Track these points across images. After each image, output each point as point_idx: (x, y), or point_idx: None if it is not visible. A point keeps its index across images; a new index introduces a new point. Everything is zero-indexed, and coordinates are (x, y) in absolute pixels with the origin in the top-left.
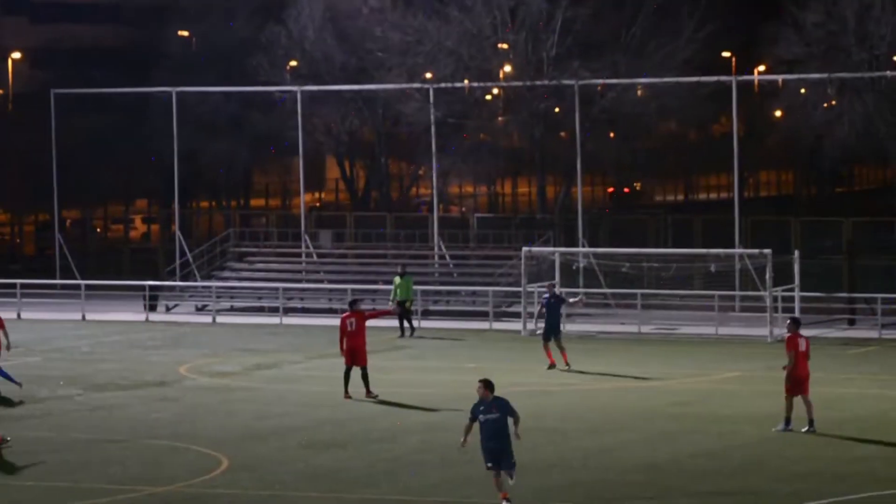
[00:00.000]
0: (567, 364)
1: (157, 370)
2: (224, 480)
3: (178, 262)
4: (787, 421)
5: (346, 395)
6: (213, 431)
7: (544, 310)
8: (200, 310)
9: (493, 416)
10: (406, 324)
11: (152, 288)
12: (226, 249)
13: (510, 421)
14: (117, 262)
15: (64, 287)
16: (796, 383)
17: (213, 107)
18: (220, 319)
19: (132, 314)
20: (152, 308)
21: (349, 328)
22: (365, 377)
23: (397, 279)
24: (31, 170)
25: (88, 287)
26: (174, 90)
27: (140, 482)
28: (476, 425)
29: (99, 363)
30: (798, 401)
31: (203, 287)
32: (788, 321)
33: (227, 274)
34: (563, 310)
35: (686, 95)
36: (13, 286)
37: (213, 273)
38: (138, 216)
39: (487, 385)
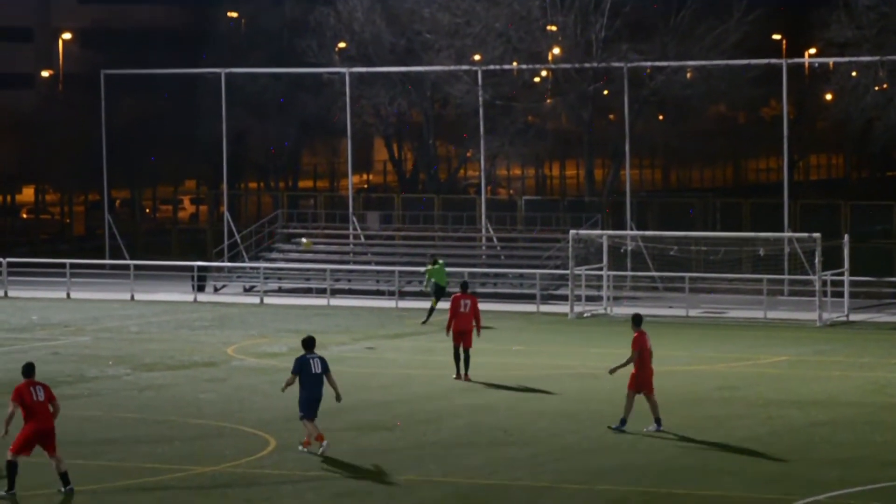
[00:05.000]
0: None
1: (204, 351)
2: (271, 461)
3: (226, 242)
4: (623, 421)
5: (458, 375)
6: (260, 412)
7: None
8: (248, 291)
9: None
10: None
11: (200, 269)
12: (274, 230)
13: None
14: (166, 243)
15: (113, 267)
16: (642, 382)
17: (262, 88)
18: (267, 300)
19: (180, 295)
20: (200, 289)
21: (462, 309)
22: (467, 360)
23: (431, 267)
24: (81, 150)
25: (137, 267)
26: (223, 71)
27: (188, 462)
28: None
29: (147, 343)
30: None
31: (251, 268)
32: (632, 318)
33: (274, 255)
34: None
35: (735, 78)
36: (63, 266)
37: (260, 254)
38: (187, 197)
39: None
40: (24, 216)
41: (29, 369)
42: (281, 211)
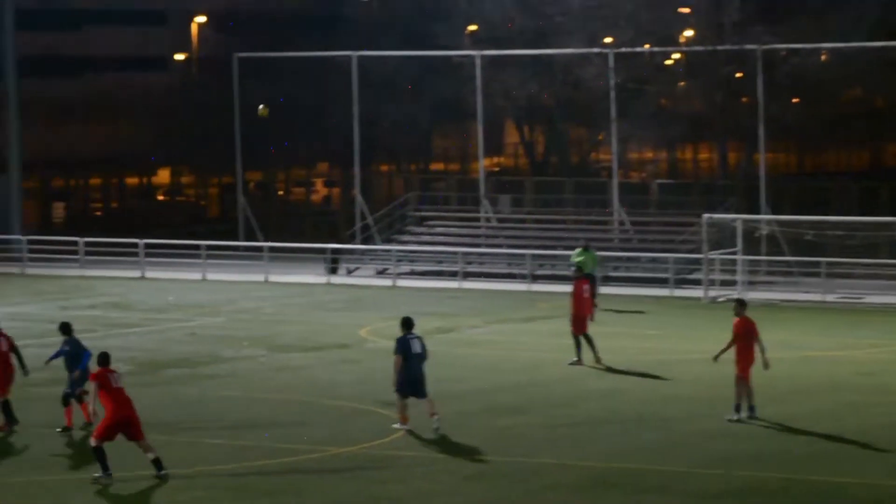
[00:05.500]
0: None
1: (338, 332)
2: (404, 442)
3: (358, 225)
4: (737, 408)
5: (577, 361)
6: (394, 394)
7: None
8: (381, 273)
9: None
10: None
11: (334, 251)
12: (406, 213)
13: None
14: (299, 225)
15: (247, 249)
16: (742, 367)
17: (394, 71)
18: (400, 283)
19: (314, 276)
20: (333, 271)
21: (584, 294)
22: (592, 344)
23: (579, 251)
24: (215, 133)
25: (271, 249)
26: (355, 54)
27: (323, 443)
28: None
29: (282, 325)
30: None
31: (383, 250)
32: (736, 303)
33: (406, 238)
34: None
35: (873, 60)
36: (198, 248)
37: (393, 236)
38: (320, 179)
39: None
40: (161, 198)
41: (104, 358)
42: (413, 193)
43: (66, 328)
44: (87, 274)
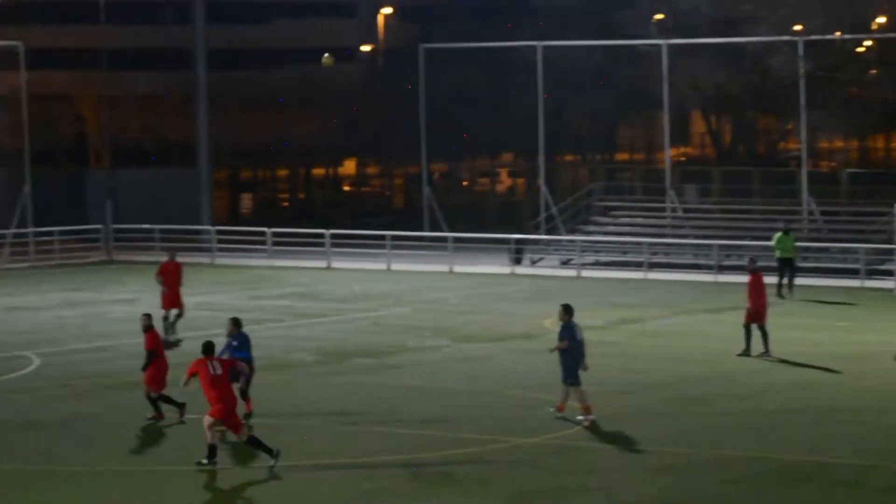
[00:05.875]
0: None
1: (522, 323)
2: (588, 434)
3: (542, 215)
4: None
5: (745, 352)
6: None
7: None
8: (565, 263)
9: None
10: (786, 281)
11: (518, 241)
12: (590, 203)
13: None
14: (483, 215)
15: (432, 239)
16: None
17: (579, 61)
18: (584, 273)
19: (498, 267)
20: (517, 261)
21: (761, 286)
22: (763, 335)
23: (779, 235)
24: (401, 124)
25: (455, 239)
26: (540, 44)
27: (508, 433)
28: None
29: (466, 315)
30: None
31: (568, 241)
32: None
33: (591, 228)
34: None
35: None
36: (383, 238)
37: (577, 227)
38: (504, 169)
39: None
40: (346, 189)
41: (209, 348)
42: (597, 184)
43: (237, 323)
44: (274, 264)
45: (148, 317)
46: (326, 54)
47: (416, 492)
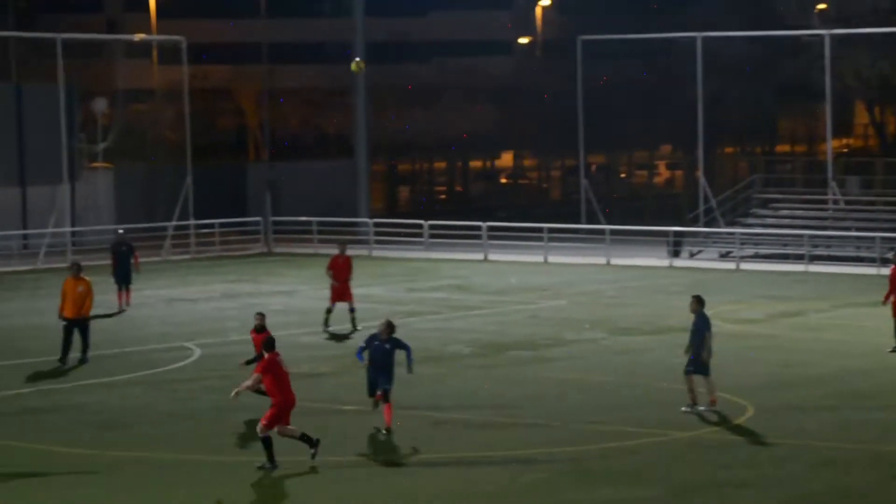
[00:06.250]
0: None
1: (680, 316)
2: (749, 427)
3: (701, 208)
4: None
5: None
6: (738, 378)
7: None
8: (724, 256)
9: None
10: None
11: (676, 234)
12: (750, 196)
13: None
14: (640, 208)
15: (589, 232)
16: None
17: (738, 52)
18: (743, 266)
19: (655, 259)
20: (675, 254)
21: None
22: None
23: None
24: (558, 116)
25: (613, 232)
26: (699, 35)
27: (666, 426)
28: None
29: (623, 307)
30: None
31: (727, 233)
32: None
33: (751, 220)
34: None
35: None
36: (540, 230)
37: (737, 219)
38: (662, 162)
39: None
40: (503, 181)
41: (271, 343)
42: (757, 176)
43: (391, 327)
44: (431, 256)
45: (262, 316)
46: (357, 59)
47: (574, 485)
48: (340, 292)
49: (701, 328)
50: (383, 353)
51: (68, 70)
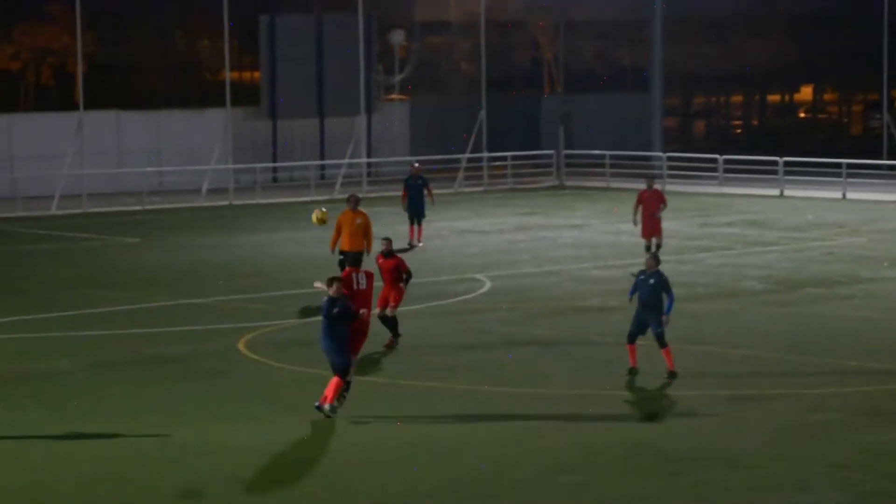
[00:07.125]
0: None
1: None
2: None
3: None
4: None
5: None
6: None
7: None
8: None
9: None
10: None
11: None
12: None
13: None
14: None
15: (890, 168)
16: None
17: None
18: None
19: None
20: None
21: None
22: None
23: None
24: (860, 49)
25: None
26: None
27: None
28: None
29: None
30: None
31: None
32: None
33: None
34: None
35: None
36: (839, 166)
37: None
38: None
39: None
40: (802, 116)
41: (357, 261)
42: None
43: (656, 259)
44: (725, 192)
45: (388, 241)
46: (322, 208)
47: (866, 426)
48: (650, 226)
49: None
50: (647, 289)
51: (367, 1)
